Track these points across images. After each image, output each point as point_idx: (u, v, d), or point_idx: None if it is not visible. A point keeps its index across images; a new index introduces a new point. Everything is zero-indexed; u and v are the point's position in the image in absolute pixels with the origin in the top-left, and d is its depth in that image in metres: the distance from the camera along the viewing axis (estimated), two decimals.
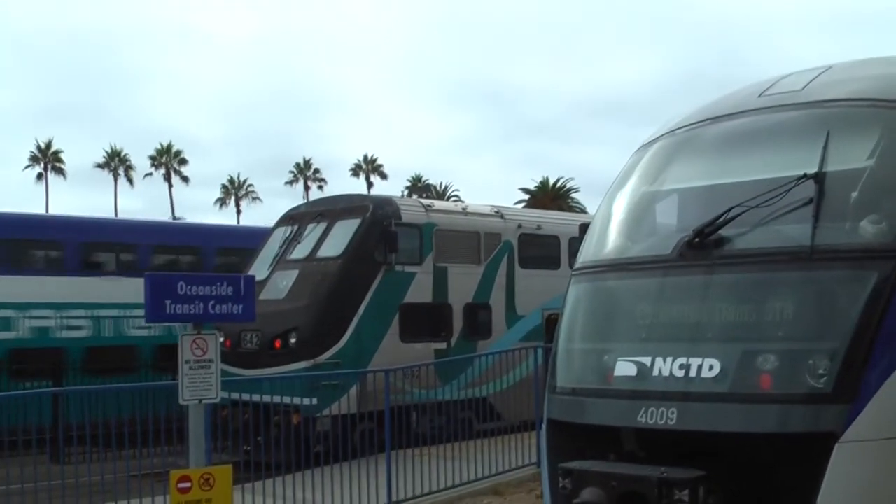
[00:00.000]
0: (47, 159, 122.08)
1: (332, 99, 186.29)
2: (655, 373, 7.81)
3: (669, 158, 9.39)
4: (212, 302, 10.66)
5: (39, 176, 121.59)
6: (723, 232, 7.94)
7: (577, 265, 9.46)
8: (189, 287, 10.50)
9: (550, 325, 20.99)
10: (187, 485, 10.68)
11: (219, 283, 10.79)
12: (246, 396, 17.96)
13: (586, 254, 9.40)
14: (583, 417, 8.40)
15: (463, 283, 23.52)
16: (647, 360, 7.91)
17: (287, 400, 19.04)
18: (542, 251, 25.68)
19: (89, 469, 15.07)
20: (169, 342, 25.56)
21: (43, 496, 14.04)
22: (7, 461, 14.64)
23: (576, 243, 21.96)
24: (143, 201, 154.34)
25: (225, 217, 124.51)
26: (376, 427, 17.74)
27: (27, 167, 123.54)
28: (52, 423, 19.49)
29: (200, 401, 10.88)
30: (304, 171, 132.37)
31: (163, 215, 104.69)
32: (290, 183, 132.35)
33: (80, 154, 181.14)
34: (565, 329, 9.11)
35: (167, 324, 20.68)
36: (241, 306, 10.94)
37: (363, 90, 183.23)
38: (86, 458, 15.43)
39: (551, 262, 25.41)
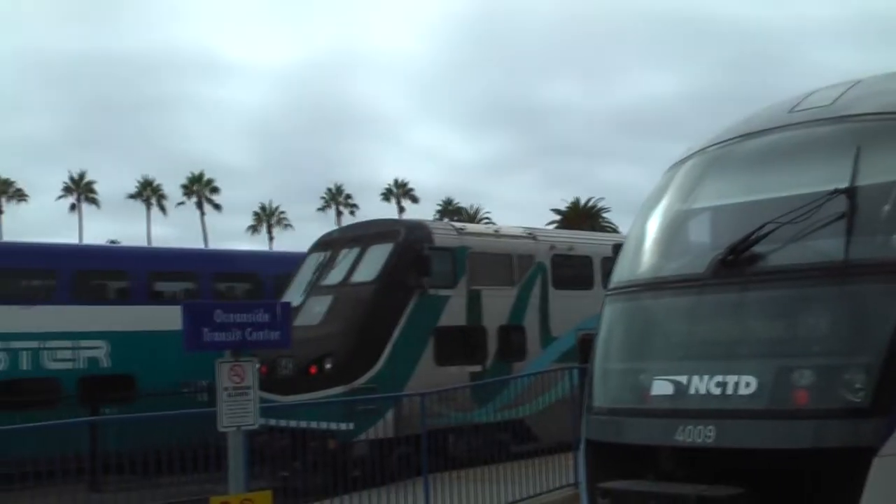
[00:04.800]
0: (80, 189, 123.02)
1: (362, 124, 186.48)
2: (692, 391, 7.82)
3: (702, 176, 9.40)
4: (248, 329, 10.72)
5: (72, 206, 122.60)
6: (756, 249, 7.95)
7: (611, 285, 9.47)
8: (226, 314, 10.57)
9: (585, 345, 20.95)
10: None
11: (255, 310, 10.86)
12: (282, 422, 18.02)
13: (620, 273, 9.41)
14: (620, 437, 8.40)
15: (497, 306, 23.49)
16: (683, 379, 7.92)
17: (323, 425, 19.11)
18: (574, 271, 25.62)
19: (126, 498, 15.10)
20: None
21: None
22: (45, 491, 14.71)
23: (608, 263, 22.05)
24: (176, 229, 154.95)
25: (257, 244, 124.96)
26: (413, 451, 17.74)
27: (60, 197, 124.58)
28: (89, 453, 19.64)
29: (239, 427, 10.93)
30: (336, 197, 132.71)
31: (196, 243, 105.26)
32: (322, 209, 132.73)
33: (113, 183, 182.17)
34: (601, 349, 9.12)
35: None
36: (277, 333, 10.99)
37: (393, 114, 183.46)
38: (123, 487, 15.48)
39: (584, 283, 25.35)
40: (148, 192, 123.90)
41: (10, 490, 12.70)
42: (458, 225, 25.99)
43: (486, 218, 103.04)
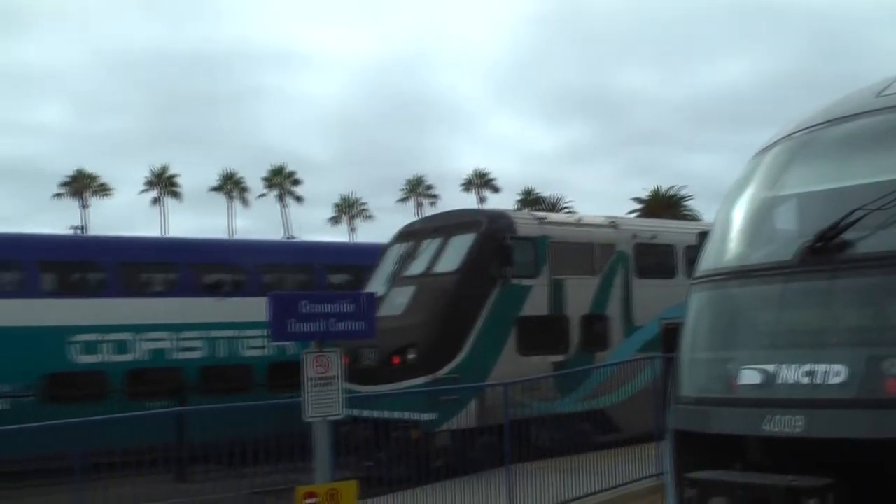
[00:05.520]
0: (162, 183, 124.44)
1: (442, 114, 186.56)
2: (780, 380, 7.72)
3: (788, 162, 9.27)
4: (333, 319, 10.78)
5: (154, 200, 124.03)
6: (845, 235, 7.82)
7: (697, 273, 9.38)
8: (311, 305, 10.64)
9: (668, 334, 20.82)
10: (314, 500, 10.81)
11: (340, 301, 10.92)
12: (365, 412, 18.09)
13: (707, 262, 9.31)
14: (707, 427, 8.32)
15: (579, 295, 23.40)
16: (771, 368, 7.82)
17: (406, 415, 19.16)
18: (657, 260, 25.46)
19: (212, 487, 15.25)
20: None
21: None
22: (133, 481, 14.88)
23: (692, 251, 21.86)
24: (258, 221, 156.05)
25: (339, 235, 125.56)
26: (495, 441, 17.73)
27: (143, 191, 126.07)
28: (176, 443, 19.87)
29: (324, 418, 11.00)
30: (416, 188, 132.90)
31: (277, 234, 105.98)
32: (403, 200, 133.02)
33: (195, 176, 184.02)
34: (688, 338, 9.03)
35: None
36: (362, 323, 11.06)
37: (473, 105, 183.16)
38: (209, 477, 15.63)
39: (667, 272, 25.18)
40: (230, 185, 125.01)
41: (99, 479, 12.86)
42: (540, 214, 25.92)
43: (567, 207, 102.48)
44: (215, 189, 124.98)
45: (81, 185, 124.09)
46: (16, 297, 26.42)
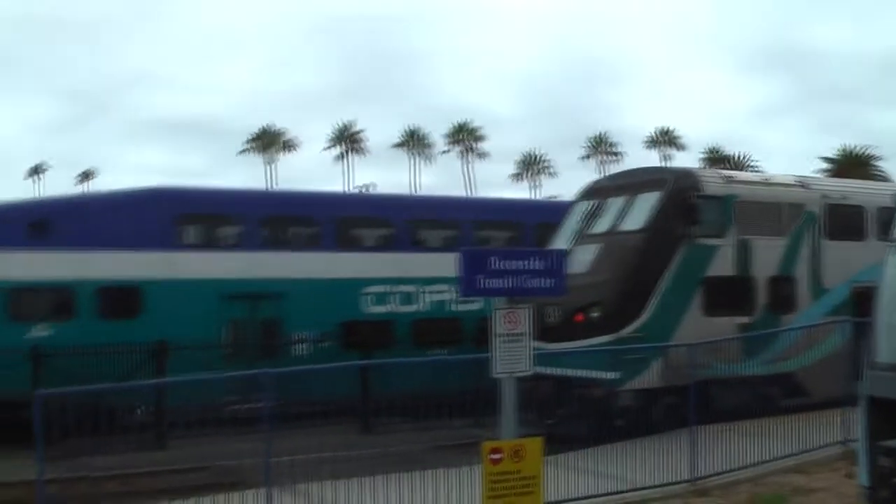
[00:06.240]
0: (346, 139, 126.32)
1: (627, 70, 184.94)
2: None
3: None
4: (523, 276, 10.82)
5: (338, 156, 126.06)
6: None
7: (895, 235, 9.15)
8: (501, 261, 10.70)
9: (860, 298, 20.35)
10: (499, 456, 10.91)
11: (530, 258, 10.95)
12: (548, 370, 18.11)
13: None
14: None
15: (766, 256, 22.96)
16: None
17: (590, 373, 19.15)
18: (847, 222, 24.73)
19: (397, 440, 15.48)
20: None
21: (353, 465, 14.55)
22: (321, 431, 15.25)
23: (884, 213, 21.24)
24: (440, 177, 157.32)
25: (521, 192, 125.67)
26: (679, 402, 17.59)
27: (326, 148, 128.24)
28: (362, 395, 20.29)
29: (512, 374, 11.08)
30: (599, 145, 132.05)
31: (459, 191, 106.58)
32: (585, 158, 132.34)
33: (378, 133, 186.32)
34: (885, 302, 8.82)
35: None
36: (552, 280, 11.06)
37: (660, 59, 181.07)
38: (393, 430, 15.87)
39: (857, 234, 24.50)
40: (413, 142, 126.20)
41: (291, 429, 13.23)
42: (727, 173, 25.53)
43: (753, 166, 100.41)
44: (398, 145, 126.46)
45: (267, 142, 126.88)
46: (316, 251, 29.11)
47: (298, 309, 27.84)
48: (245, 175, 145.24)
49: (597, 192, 24.44)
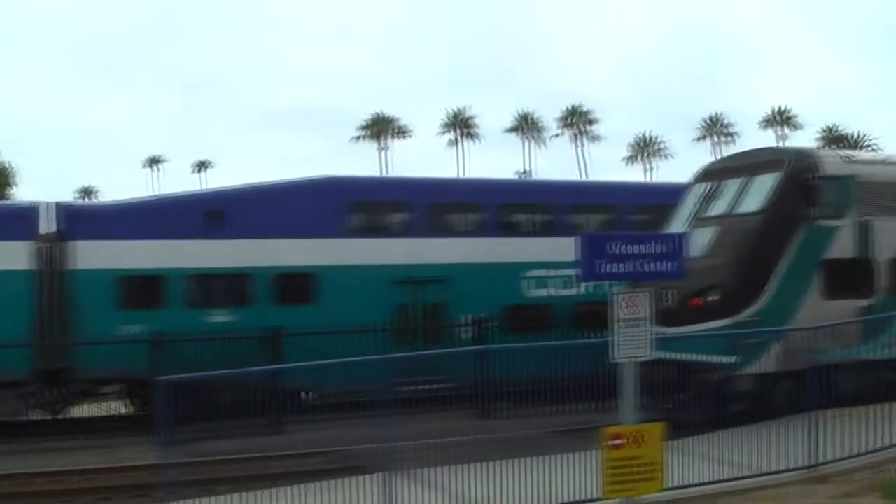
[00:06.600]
0: (459, 125, 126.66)
1: (742, 50, 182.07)
2: None
3: None
4: (643, 260, 10.73)
5: (451, 142, 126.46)
6: None
7: None
8: (622, 246, 10.63)
9: None
10: (620, 441, 10.85)
11: (651, 242, 10.86)
12: (665, 354, 17.96)
13: None
14: None
15: (887, 237, 22.40)
16: None
17: (708, 358, 18.94)
18: None
19: (517, 424, 15.45)
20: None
21: (471, 451, 14.58)
22: (439, 416, 15.28)
23: None
24: (553, 161, 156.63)
25: (634, 175, 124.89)
26: (797, 387, 17.33)
27: (439, 133, 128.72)
28: (479, 380, 20.31)
29: (633, 359, 11.00)
30: (713, 127, 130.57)
31: (572, 175, 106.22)
32: (699, 139, 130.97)
33: (491, 118, 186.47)
34: None
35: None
36: (672, 264, 10.97)
37: (775, 37, 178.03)
38: (511, 415, 15.85)
39: None
40: (525, 126, 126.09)
41: (409, 413, 13.26)
42: (846, 153, 25.02)
43: (872, 145, 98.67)
44: (511, 130, 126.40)
45: (380, 128, 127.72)
46: (479, 236, 30.08)
47: (462, 293, 28.77)
48: (358, 162, 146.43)
49: (713, 174, 24.12)
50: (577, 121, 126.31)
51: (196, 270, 27.15)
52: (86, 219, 27.69)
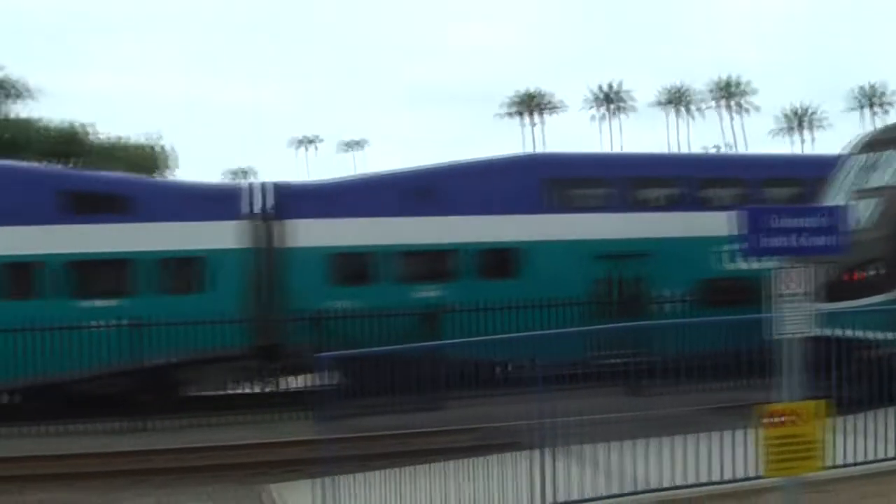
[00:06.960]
0: (609, 99, 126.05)
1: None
2: None
3: None
4: (804, 234, 10.49)
5: (600, 116, 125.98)
6: None
7: None
8: (782, 219, 10.39)
9: None
10: (780, 419, 10.61)
11: (812, 215, 10.61)
12: (819, 330, 17.53)
13: None
14: None
15: None
16: None
17: (866, 334, 18.45)
18: None
19: (667, 402, 15.26)
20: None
21: (623, 427, 14.46)
22: (587, 393, 15.18)
23: None
24: (705, 134, 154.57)
25: (783, 147, 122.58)
26: None
27: (588, 108, 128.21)
28: (631, 356, 20.09)
29: (794, 335, 10.76)
30: (870, 97, 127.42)
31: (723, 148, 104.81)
32: (853, 110, 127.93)
33: (641, 92, 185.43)
34: None
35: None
36: (833, 238, 10.71)
37: None
38: (662, 392, 15.63)
39: None
40: (677, 99, 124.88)
41: (560, 390, 13.17)
42: None
43: None
44: (662, 103, 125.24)
45: (530, 105, 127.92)
46: (677, 210, 30.77)
47: (660, 267, 29.35)
48: (505, 139, 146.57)
49: (871, 146, 23.39)
50: (731, 93, 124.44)
51: (405, 247, 28.06)
52: (300, 198, 28.93)
